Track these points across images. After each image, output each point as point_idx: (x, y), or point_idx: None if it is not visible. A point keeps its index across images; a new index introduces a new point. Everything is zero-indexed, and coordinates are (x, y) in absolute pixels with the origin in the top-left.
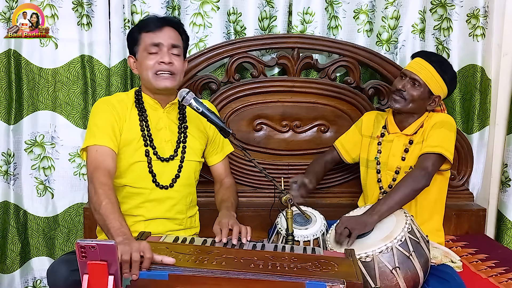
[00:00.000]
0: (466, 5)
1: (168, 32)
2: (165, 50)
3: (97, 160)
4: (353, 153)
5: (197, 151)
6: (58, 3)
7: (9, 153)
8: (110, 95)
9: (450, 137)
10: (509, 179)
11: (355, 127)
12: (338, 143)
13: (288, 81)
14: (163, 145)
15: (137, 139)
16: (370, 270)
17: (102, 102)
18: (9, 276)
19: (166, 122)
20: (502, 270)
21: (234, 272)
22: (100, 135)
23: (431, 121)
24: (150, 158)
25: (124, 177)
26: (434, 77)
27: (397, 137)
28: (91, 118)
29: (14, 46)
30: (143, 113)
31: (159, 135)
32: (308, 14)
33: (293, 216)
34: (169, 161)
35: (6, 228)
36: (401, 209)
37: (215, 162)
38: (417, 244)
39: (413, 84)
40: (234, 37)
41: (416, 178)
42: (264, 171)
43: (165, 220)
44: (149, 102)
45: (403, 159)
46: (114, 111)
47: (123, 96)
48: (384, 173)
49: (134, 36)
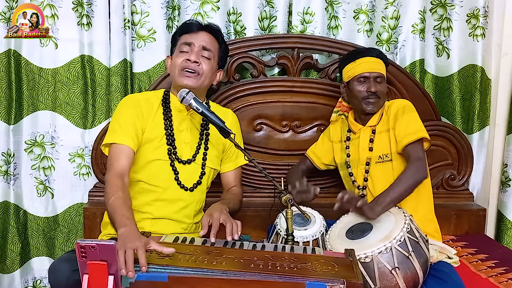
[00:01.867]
0: (466, 5)
1: (203, 35)
2: (195, 50)
3: (111, 159)
4: (325, 159)
5: (215, 159)
6: (58, 3)
7: (9, 153)
8: (139, 93)
9: (417, 118)
10: (509, 179)
11: (323, 135)
12: (309, 152)
13: (288, 81)
14: (182, 146)
15: (159, 138)
16: (369, 271)
17: (128, 99)
18: (9, 276)
19: (189, 125)
20: (502, 270)
21: (234, 272)
22: (121, 132)
23: (390, 109)
24: (172, 157)
25: (140, 173)
26: (384, 67)
27: (362, 131)
28: (115, 114)
29: (14, 46)
30: (168, 113)
31: (180, 136)
32: (308, 14)
33: (293, 216)
34: (186, 164)
35: (6, 228)
36: (400, 209)
37: (226, 170)
38: (416, 244)
39: (379, 82)
40: (234, 37)
41: (417, 170)
42: (264, 171)
43: (171, 221)
44: (176, 103)
45: (370, 149)
46: (138, 109)
47: (150, 94)
48: (356, 170)
49: (175, 38)
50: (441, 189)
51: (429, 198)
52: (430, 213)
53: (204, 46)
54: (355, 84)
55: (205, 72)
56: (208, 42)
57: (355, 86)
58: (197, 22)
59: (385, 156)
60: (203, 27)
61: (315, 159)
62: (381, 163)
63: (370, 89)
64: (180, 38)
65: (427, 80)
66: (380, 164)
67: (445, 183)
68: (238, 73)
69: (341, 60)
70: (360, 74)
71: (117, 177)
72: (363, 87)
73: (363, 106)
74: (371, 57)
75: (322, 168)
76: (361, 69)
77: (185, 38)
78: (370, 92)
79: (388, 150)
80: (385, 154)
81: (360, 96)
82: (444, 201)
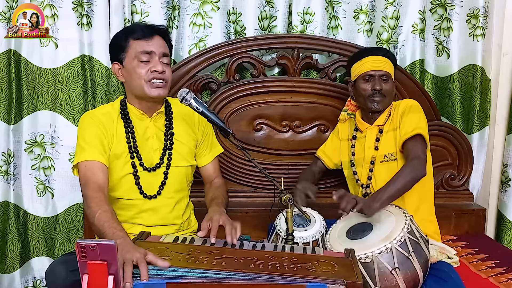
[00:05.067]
0: (466, 5)
1: (158, 41)
2: (157, 59)
3: (86, 175)
4: (334, 158)
5: (186, 155)
6: (58, 3)
7: (9, 153)
8: (95, 109)
9: (421, 118)
10: (509, 179)
11: (333, 134)
12: (320, 152)
13: (288, 81)
14: (151, 154)
15: (125, 153)
16: (369, 271)
17: (88, 117)
18: (9, 276)
19: (154, 131)
20: (502, 270)
21: (234, 273)
22: (90, 149)
23: (398, 109)
24: (136, 170)
25: (117, 190)
26: (391, 66)
27: (369, 130)
28: (79, 134)
29: (14, 46)
30: (129, 125)
31: (147, 144)
32: (308, 14)
33: (293, 216)
34: (156, 169)
35: (6, 228)
36: (400, 209)
37: (203, 164)
38: (417, 244)
39: (384, 80)
40: (234, 37)
41: (414, 167)
42: (264, 171)
43: (163, 226)
44: (135, 112)
45: (376, 148)
46: (101, 126)
47: (108, 108)
48: (361, 169)
49: (121, 43)
50: (441, 189)
51: (431, 199)
52: (431, 214)
53: (164, 53)
54: (360, 82)
55: (170, 77)
56: (164, 46)
57: (361, 84)
58: (148, 25)
59: (391, 155)
60: (155, 31)
61: (325, 159)
62: (386, 162)
63: (375, 87)
64: (133, 44)
65: (427, 80)
66: (385, 163)
67: (445, 183)
68: (238, 73)
69: (349, 59)
70: (366, 72)
71: (98, 190)
72: (368, 85)
73: (368, 104)
74: (377, 56)
75: (332, 167)
76: (367, 67)
77: (142, 46)
78: (375, 90)
79: (393, 149)
80: (391, 153)
81: (365, 94)
82: (444, 201)
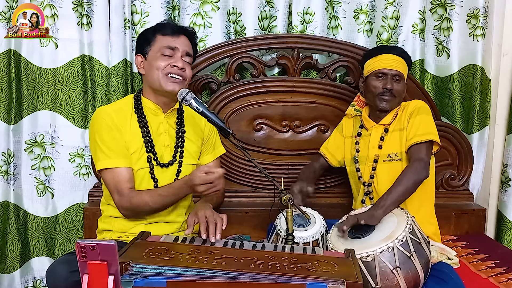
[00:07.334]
0: (466, 5)
1: (184, 40)
2: (179, 56)
3: (114, 180)
4: (338, 155)
5: (194, 154)
6: (58, 3)
7: (9, 153)
8: (107, 105)
9: (431, 120)
10: (509, 179)
11: (336, 130)
12: (323, 148)
13: (288, 81)
14: (162, 150)
15: (140, 147)
16: (371, 269)
17: (101, 117)
18: (9, 276)
19: (166, 127)
20: (502, 270)
21: (234, 273)
22: (114, 156)
23: (406, 110)
24: (152, 164)
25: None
26: (405, 67)
27: (374, 129)
28: (95, 133)
29: (14, 46)
30: (143, 119)
31: (159, 140)
32: (308, 14)
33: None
34: (168, 166)
35: (6, 228)
36: (402, 209)
37: (205, 162)
38: (418, 245)
39: (397, 80)
40: (234, 37)
41: (416, 170)
42: (264, 171)
43: (164, 223)
44: (150, 106)
45: (380, 147)
46: (114, 126)
47: (121, 104)
48: (364, 166)
49: (148, 37)
50: (441, 189)
51: (431, 201)
52: (431, 215)
53: (188, 52)
54: (372, 79)
55: (188, 77)
56: (189, 46)
57: (372, 81)
58: (177, 25)
59: (395, 155)
60: (183, 31)
61: (329, 156)
62: (389, 162)
63: (386, 85)
64: (159, 39)
65: (427, 80)
66: (388, 162)
67: (445, 183)
68: (238, 73)
69: (364, 55)
70: (379, 70)
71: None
72: (379, 83)
73: (377, 102)
74: (393, 55)
75: (335, 165)
76: (380, 65)
77: (168, 41)
78: (386, 89)
79: (398, 149)
80: (395, 153)
81: (376, 92)
82: (444, 201)
